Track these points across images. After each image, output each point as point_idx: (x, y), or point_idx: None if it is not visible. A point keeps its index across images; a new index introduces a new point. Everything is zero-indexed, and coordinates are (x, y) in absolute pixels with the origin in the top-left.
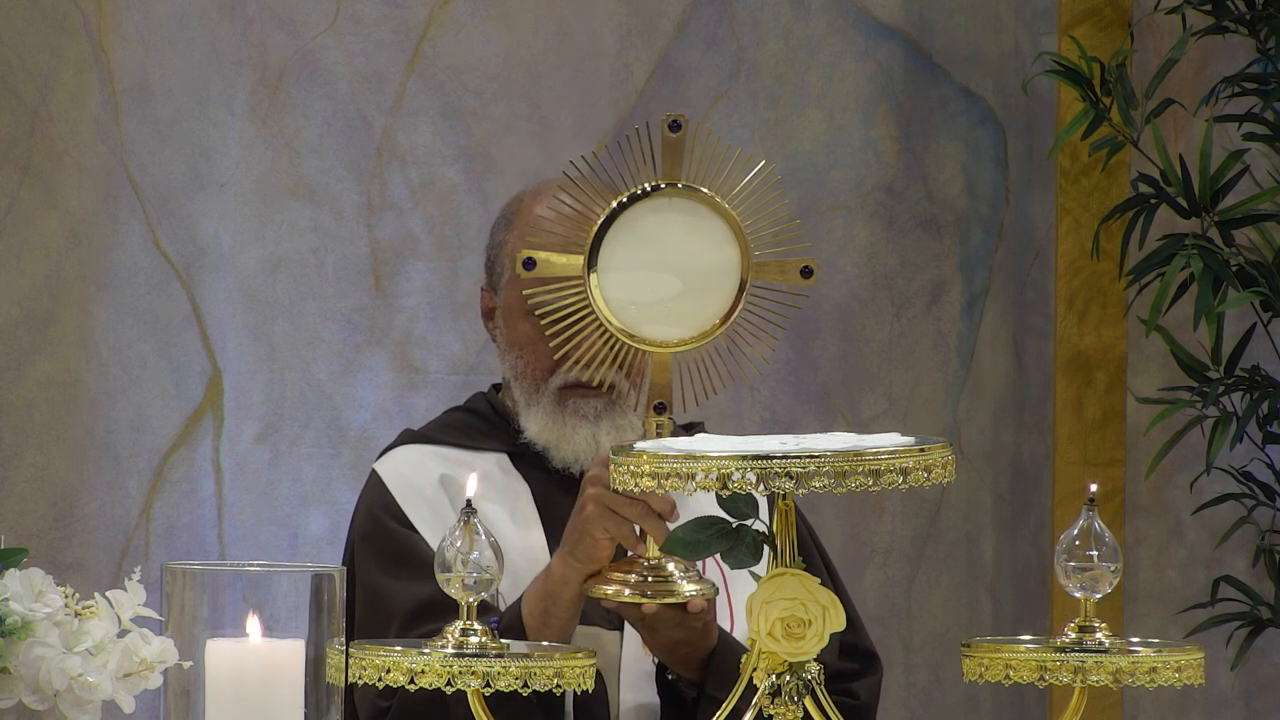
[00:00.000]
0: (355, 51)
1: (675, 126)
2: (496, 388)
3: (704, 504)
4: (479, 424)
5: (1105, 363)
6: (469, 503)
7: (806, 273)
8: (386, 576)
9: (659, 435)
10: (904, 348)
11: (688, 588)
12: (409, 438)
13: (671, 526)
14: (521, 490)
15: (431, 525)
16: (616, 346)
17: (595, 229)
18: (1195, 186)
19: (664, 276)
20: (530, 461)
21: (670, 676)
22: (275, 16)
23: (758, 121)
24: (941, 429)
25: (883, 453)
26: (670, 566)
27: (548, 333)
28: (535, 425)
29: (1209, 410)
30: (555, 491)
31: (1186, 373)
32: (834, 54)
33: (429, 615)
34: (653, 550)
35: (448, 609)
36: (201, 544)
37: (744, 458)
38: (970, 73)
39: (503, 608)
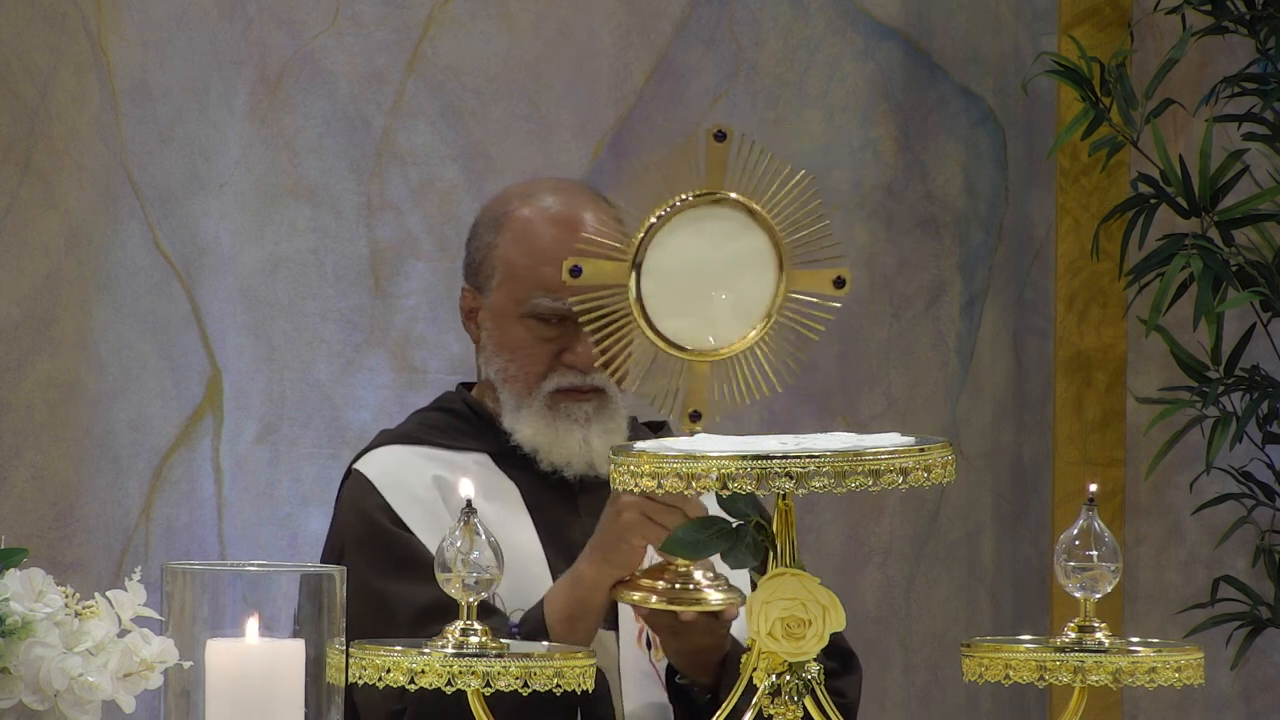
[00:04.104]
0: (355, 51)
1: (720, 136)
2: (466, 386)
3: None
4: (459, 424)
5: (1105, 363)
6: (469, 503)
7: (839, 283)
8: (388, 580)
9: None
10: (903, 348)
11: (715, 595)
12: (390, 438)
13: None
14: (510, 490)
15: (426, 526)
16: (654, 354)
17: (640, 237)
18: (1195, 186)
19: (703, 285)
20: (514, 462)
21: (681, 680)
22: (275, 16)
23: (757, 121)
24: (941, 429)
25: (883, 453)
26: (698, 574)
27: (593, 339)
28: (527, 428)
29: (1209, 410)
30: (543, 492)
31: (1186, 373)
32: (833, 54)
33: (435, 618)
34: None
35: (444, 610)
36: (201, 544)
37: (744, 458)
38: (970, 73)
39: (501, 608)
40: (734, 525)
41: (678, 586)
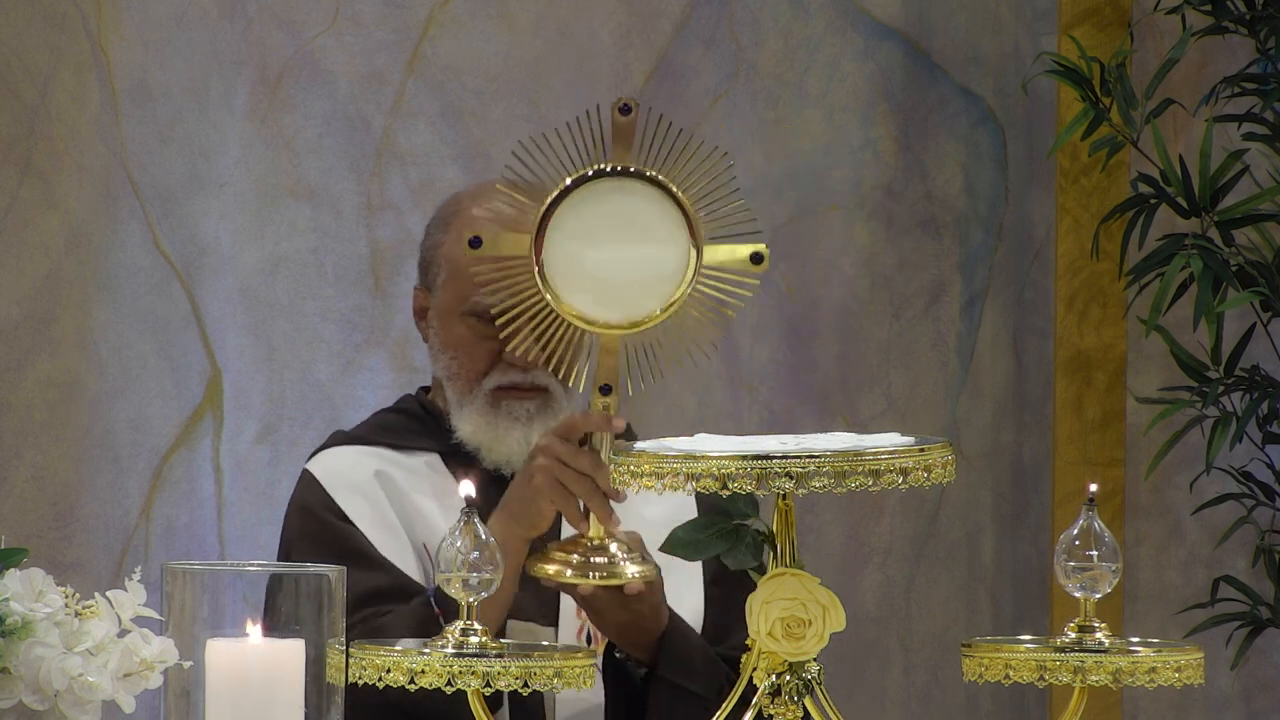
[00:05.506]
0: (355, 51)
1: (626, 110)
2: (426, 389)
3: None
4: (411, 424)
5: (1105, 363)
6: (469, 501)
7: (756, 259)
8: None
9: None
10: (903, 348)
11: (630, 569)
12: (341, 439)
13: (615, 507)
14: (453, 489)
15: (368, 518)
16: (563, 328)
17: (543, 209)
18: (1195, 186)
19: (612, 259)
20: (462, 461)
21: (619, 655)
22: (275, 16)
23: (757, 121)
24: (941, 429)
25: (883, 453)
26: (613, 547)
27: (494, 311)
28: (468, 426)
29: (1209, 410)
30: (487, 489)
31: (1186, 373)
32: (833, 54)
33: (369, 605)
34: (595, 530)
35: (385, 596)
36: (201, 544)
37: (744, 458)
38: (970, 73)
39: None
40: (734, 525)
41: (593, 560)
